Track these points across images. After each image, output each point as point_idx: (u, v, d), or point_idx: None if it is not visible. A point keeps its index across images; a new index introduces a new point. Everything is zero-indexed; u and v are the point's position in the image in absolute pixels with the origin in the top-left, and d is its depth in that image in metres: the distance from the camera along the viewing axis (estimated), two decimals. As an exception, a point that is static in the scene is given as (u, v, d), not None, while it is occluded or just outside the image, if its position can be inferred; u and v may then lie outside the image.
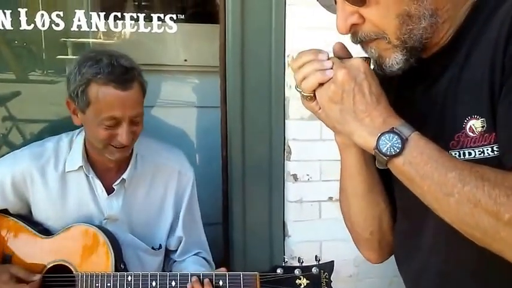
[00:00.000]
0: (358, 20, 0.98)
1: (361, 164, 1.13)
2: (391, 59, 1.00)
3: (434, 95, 1.02)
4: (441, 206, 0.88)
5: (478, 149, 0.93)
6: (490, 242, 0.84)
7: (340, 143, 1.13)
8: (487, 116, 0.91)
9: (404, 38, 0.97)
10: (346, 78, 0.95)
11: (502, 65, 0.88)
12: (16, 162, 1.86)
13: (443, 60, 1.01)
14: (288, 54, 2.23)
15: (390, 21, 0.96)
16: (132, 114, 1.74)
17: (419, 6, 0.94)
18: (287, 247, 2.38)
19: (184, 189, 1.99)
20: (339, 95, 0.96)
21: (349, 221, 1.24)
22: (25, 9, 2.11)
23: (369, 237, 1.22)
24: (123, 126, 1.73)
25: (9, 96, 2.28)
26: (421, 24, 0.95)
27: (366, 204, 1.18)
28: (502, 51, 0.88)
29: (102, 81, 1.68)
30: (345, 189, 1.20)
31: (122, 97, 1.70)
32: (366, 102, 0.95)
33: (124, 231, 1.89)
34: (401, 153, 0.90)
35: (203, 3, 2.55)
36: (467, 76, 0.96)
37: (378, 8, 0.95)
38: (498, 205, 0.80)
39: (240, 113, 2.27)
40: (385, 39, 0.98)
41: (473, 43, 0.96)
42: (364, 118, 0.95)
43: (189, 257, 2.03)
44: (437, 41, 1.00)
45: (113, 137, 1.74)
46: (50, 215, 1.86)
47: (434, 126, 0.98)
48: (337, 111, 0.97)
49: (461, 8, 0.99)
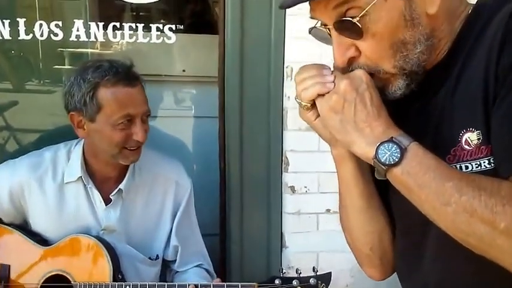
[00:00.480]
0: (355, 53, 0.98)
1: (358, 178, 1.12)
2: (394, 85, 1.00)
3: (431, 110, 1.02)
4: (438, 215, 0.88)
5: (475, 162, 0.93)
6: (486, 249, 0.85)
7: (336, 156, 1.13)
8: (482, 128, 0.91)
9: (400, 64, 0.96)
10: (348, 88, 0.95)
11: (496, 77, 0.88)
12: (14, 172, 1.85)
13: (439, 75, 1.01)
14: (287, 65, 2.23)
15: (384, 53, 0.96)
16: (144, 110, 1.77)
17: (414, 32, 0.95)
18: (284, 258, 2.37)
19: (181, 199, 1.99)
20: (341, 104, 0.96)
21: (350, 237, 1.23)
22: (24, 19, 2.12)
23: (370, 254, 1.20)
24: (137, 124, 1.74)
25: (7, 106, 2.28)
26: (417, 49, 0.96)
27: (365, 219, 1.17)
28: (495, 63, 0.88)
29: (111, 83, 1.69)
30: (344, 205, 1.19)
31: (133, 94, 1.73)
32: (367, 112, 0.95)
33: (121, 241, 1.88)
34: (400, 163, 0.90)
35: (202, 14, 2.56)
36: (462, 89, 0.96)
37: (373, 40, 0.95)
38: (494, 214, 0.80)
39: (238, 123, 2.27)
40: (380, 72, 0.98)
41: (468, 56, 0.96)
42: (364, 128, 0.94)
43: (190, 268, 2.02)
44: (433, 58, 1.01)
45: (128, 138, 1.75)
46: (47, 225, 1.85)
47: (431, 141, 0.98)
48: (338, 121, 0.97)
49: (456, 22, 1.00)
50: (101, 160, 1.84)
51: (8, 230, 1.84)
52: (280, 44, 2.22)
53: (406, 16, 0.93)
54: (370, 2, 0.92)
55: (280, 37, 2.21)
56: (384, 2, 0.92)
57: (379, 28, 0.94)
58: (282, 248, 2.38)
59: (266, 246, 2.36)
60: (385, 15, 0.93)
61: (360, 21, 0.93)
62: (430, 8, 0.94)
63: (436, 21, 0.97)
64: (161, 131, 2.43)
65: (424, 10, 0.94)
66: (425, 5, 0.94)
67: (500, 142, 0.89)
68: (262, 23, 2.21)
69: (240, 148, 2.30)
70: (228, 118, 2.27)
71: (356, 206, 1.16)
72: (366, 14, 0.92)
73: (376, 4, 0.92)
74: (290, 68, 2.23)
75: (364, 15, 0.92)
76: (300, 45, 2.19)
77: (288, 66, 2.23)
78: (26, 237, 1.82)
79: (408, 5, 0.93)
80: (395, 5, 0.93)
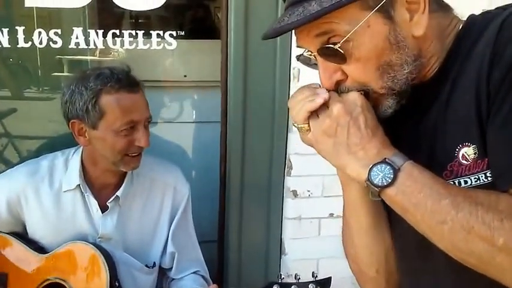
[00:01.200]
0: (342, 77, 0.98)
1: (364, 198, 1.10)
2: (384, 105, 0.99)
3: (424, 127, 1.01)
4: (435, 234, 0.87)
5: (474, 176, 0.92)
6: (486, 268, 0.83)
7: (341, 177, 1.12)
8: (478, 143, 0.91)
9: (388, 85, 0.96)
10: (341, 112, 0.95)
11: (487, 92, 0.88)
12: (11, 181, 1.86)
13: (430, 91, 1.00)
14: (293, 67, 2.21)
15: (371, 75, 0.96)
16: (148, 116, 1.78)
17: (400, 54, 0.94)
18: (283, 265, 2.36)
19: (179, 204, 1.99)
20: (333, 128, 0.96)
21: (354, 261, 1.21)
22: (23, 27, 2.13)
23: (375, 276, 1.18)
24: (140, 130, 1.74)
25: (5, 113, 2.30)
26: (404, 70, 0.95)
27: (370, 240, 1.15)
28: (486, 80, 0.88)
29: (114, 89, 1.69)
30: (349, 226, 1.17)
31: (136, 99, 1.74)
32: (361, 135, 0.94)
33: (118, 249, 1.88)
34: (393, 184, 0.89)
35: (202, 20, 2.57)
36: (454, 105, 0.95)
37: (358, 64, 0.95)
38: (492, 230, 0.79)
39: (241, 128, 2.26)
40: (369, 90, 0.98)
41: (458, 73, 0.95)
42: (357, 151, 0.94)
43: (187, 275, 2.01)
44: (423, 75, 1.00)
45: (131, 145, 1.75)
46: (45, 233, 1.86)
47: (426, 157, 0.97)
48: (330, 144, 0.97)
49: (446, 40, 0.99)
50: (100, 167, 1.84)
51: (6, 238, 1.84)
52: (286, 47, 2.20)
53: (390, 40, 0.93)
54: (350, 30, 0.91)
55: (286, 40, 2.18)
56: (367, 28, 0.92)
57: (363, 53, 0.94)
58: (281, 255, 2.36)
59: (265, 253, 2.36)
60: (369, 41, 0.93)
61: (343, 47, 0.93)
62: (416, 30, 0.94)
63: (423, 42, 0.97)
64: (163, 137, 2.43)
65: (409, 33, 0.94)
66: (410, 28, 0.94)
67: (497, 156, 0.88)
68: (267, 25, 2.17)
69: (242, 153, 2.29)
70: (231, 123, 2.27)
71: (363, 225, 1.14)
72: (349, 40, 0.92)
73: (358, 31, 0.91)
74: (297, 70, 2.21)
75: (346, 40, 0.92)
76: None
77: (294, 68, 2.21)
78: (24, 245, 1.82)
79: (393, 29, 0.93)
80: (379, 30, 0.93)
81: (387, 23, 0.93)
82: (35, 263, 1.80)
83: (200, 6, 2.60)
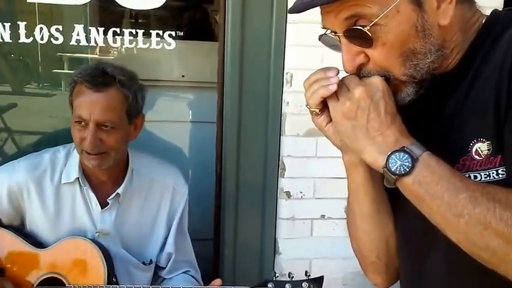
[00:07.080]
0: (364, 60, 0.99)
1: (368, 184, 1.11)
2: (403, 92, 1.00)
3: (440, 118, 1.02)
4: (450, 226, 0.87)
5: (484, 172, 0.93)
6: (497, 263, 0.84)
7: (347, 162, 1.12)
8: (492, 139, 0.91)
9: (410, 72, 0.97)
10: (363, 95, 0.95)
11: (508, 90, 0.89)
12: (13, 173, 1.86)
13: (449, 83, 1.01)
14: (287, 72, 2.24)
15: (394, 61, 0.96)
16: (100, 119, 1.72)
17: (425, 43, 0.95)
18: (277, 264, 2.38)
19: (177, 205, 1.99)
20: (354, 111, 0.96)
21: (356, 243, 1.22)
22: (24, 23, 2.14)
23: (376, 260, 1.20)
24: (89, 130, 1.72)
25: (6, 108, 2.30)
26: (427, 59, 0.95)
27: (373, 225, 1.16)
28: (508, 76, 0.89)
29: (80, 80, 1.73)
30: (352, 210, 1.18)
31: (91, 98, 1.72)
32: (381, 121, 0.95)
33: (116, 245, 1.89)
34: (411, 173, 0.90)
35: (201, 21, 2.59)
36: (472, 99, 0.96)
37: (383, 49, 0.95)
38: (509, 227, 0.80)
39: (236, 128, 2.28)
40: (390, 78, 0.98)
41: (479, 67, 0.96)
42: (376, 136, 0.94)
43: (177, 275, 2.02)
44: (445, 67, 1.01)
45: (82, 141, 1.74)
46: (44, 226, 1.86)
47: (440, 149, 0.96)
48: (350, 127, 0.97)
49: (469, 32, 1.00)
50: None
51: (3, 232, 1.84)
52: (280, 50, 2.23)
53: (418, 27, 0.94)
54: (379, 14, 0.92)
55: (281, 44, 2.22)
56: (396, 13, 0.92)
57: (390, 38, 0.94)
58: (275, 254, 2.39)
59: (259, 252, 2.37)
60: (397, 26, 0.93)
61: (371, 30, 0.93)
62: (443, 19, 0.94)
63: (448, 32, 0.97)
64: (160, 136, 2.45)
65: (436, 21, 0.94)
66: (437, 17, 0.94)
67: None
68: (262, 29, 2.22)
69: (237, 153, 2.31)
70: (226, 123, 2.29)
71: (365, 211, 1.15)
72: (377, 24, 0.92)
73: (387, 14, 0.92)
74: (290, 75, 2.23)
75: (375, 24, 0.92)
76: (300, 52, 2.20)
77: (287, 73, 2.24)
78: (22, 239, 1.82)
79: (421, 16, 0.93)
80: (408, 16, 0.93)
81: (416, 10, 0.93)
82: (32, 258, 1.80)
83: (199, 8, 2.62)
